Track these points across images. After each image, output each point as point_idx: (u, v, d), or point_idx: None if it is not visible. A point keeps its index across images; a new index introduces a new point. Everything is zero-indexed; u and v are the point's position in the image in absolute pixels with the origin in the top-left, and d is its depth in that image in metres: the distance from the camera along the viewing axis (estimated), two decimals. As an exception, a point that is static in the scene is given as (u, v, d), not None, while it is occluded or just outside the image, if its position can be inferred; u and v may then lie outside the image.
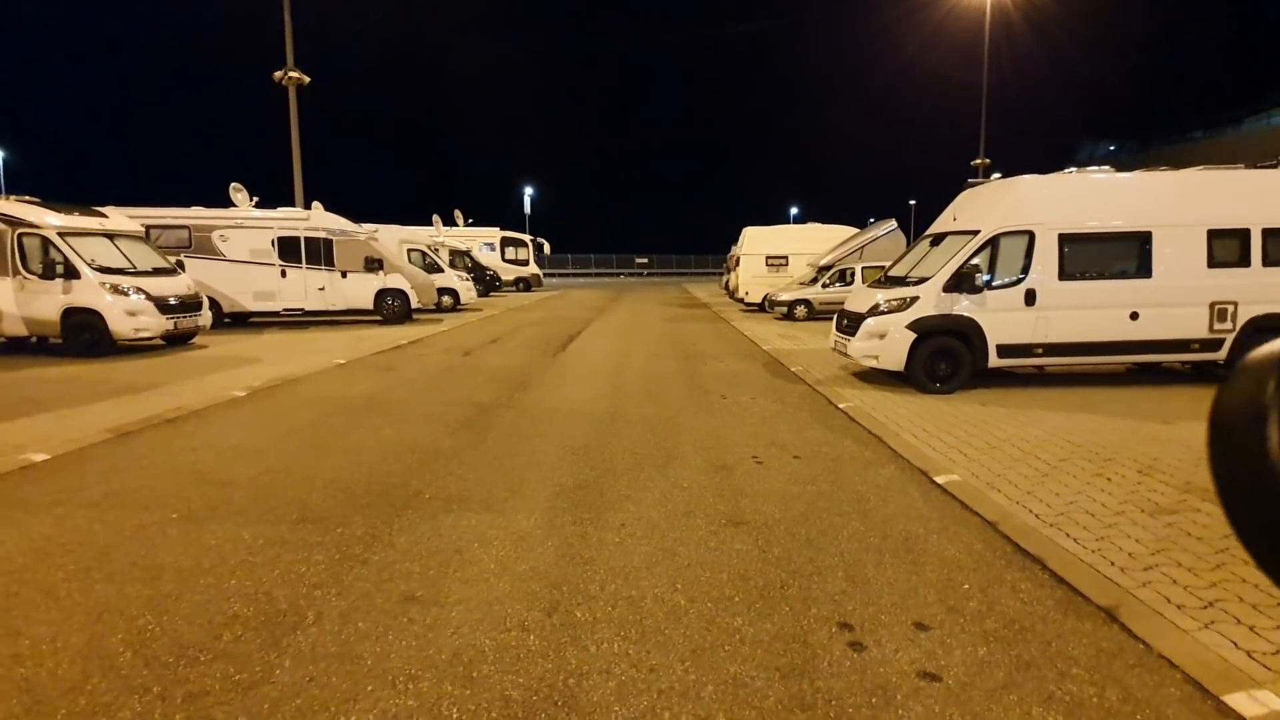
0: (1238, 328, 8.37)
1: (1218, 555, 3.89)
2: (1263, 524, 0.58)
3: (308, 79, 23.21)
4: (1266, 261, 8.30)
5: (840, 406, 7.90)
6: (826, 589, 3.56)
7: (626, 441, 6.42)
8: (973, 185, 9.61)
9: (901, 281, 9.13)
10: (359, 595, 3.46)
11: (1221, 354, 8.50)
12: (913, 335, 8.41)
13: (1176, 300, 8.31)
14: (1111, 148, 68.18)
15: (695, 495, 4.96)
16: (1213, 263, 8.33)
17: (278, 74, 22.81)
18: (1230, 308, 8.32)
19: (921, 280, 8.66)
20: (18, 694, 2.66)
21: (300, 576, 3.66)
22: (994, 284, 8.34)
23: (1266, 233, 8.29)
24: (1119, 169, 9.06)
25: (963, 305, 8.35)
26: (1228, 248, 8.34)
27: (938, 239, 9.31)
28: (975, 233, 8.46)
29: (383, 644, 3.02)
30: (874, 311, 8.80)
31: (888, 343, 8.57)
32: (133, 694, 2.66)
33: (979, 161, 32.07)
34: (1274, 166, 9.50)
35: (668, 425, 7.08)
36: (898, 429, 6.81)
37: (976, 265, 8.23)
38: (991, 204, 8.77)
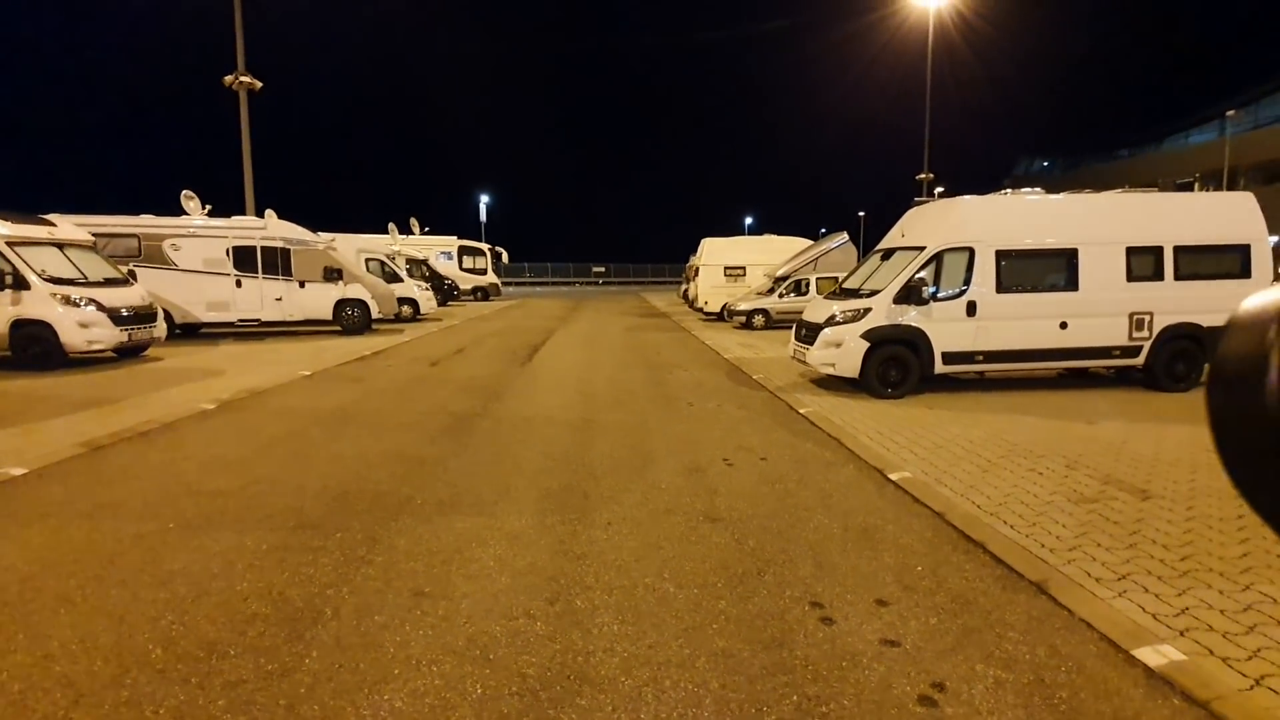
0: (1154, 336, 9.25)
1: (1131, 536, 4.47)
2: (1260, 469, 0.58)
3: (259, 84, 22.84)
4: (1178, 276, 9.21)
5: (801, 412, 8.41)
6: (798, 574, 3.97)
7: (604, 447, 6.75)
8: (919, 204, 10.33)
9: (855, 293, 9.74)
10: (370, 593, 3.70)
11: (1140, 360, 9.36)
12: (866, 344, 9.00)
13: (1100, 311, 9.13)
14: (1045, 164, 72.21)
15: (673, 495, 5.34)
16: (1131, 277, 9.20)
17: (228, 78, 22.39)
18: (1147, 318, 9.20)
19: (874, 293, 9.28)
20: (60, 689, 2.83)
21: (310, 578, 3.87)
22: (939, 296, 9.01)
23: (1177, 250, 9.20)
24: (1051, 185, 9.89)
25: (911, 316, 8.99)
26: (1144, 264, 9.22)
27: (888, 254, 9.97)
28: (922, 249, 9.12)
29: (401, 634, 3.28)
30: (830, 322, 9.37)
31: (843, 351, 9.14)
32: (173, 684, 2.86)
33: (923, 176, 33.62)
34: (1191, 185, 10.53)
35: (641, 431, 7.44)
36: (854, 431, 7.33)
37: (923, 279, 8.88)
38: (936, 222, 9.47)
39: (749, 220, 75.20)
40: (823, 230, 33.48)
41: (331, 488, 5.43)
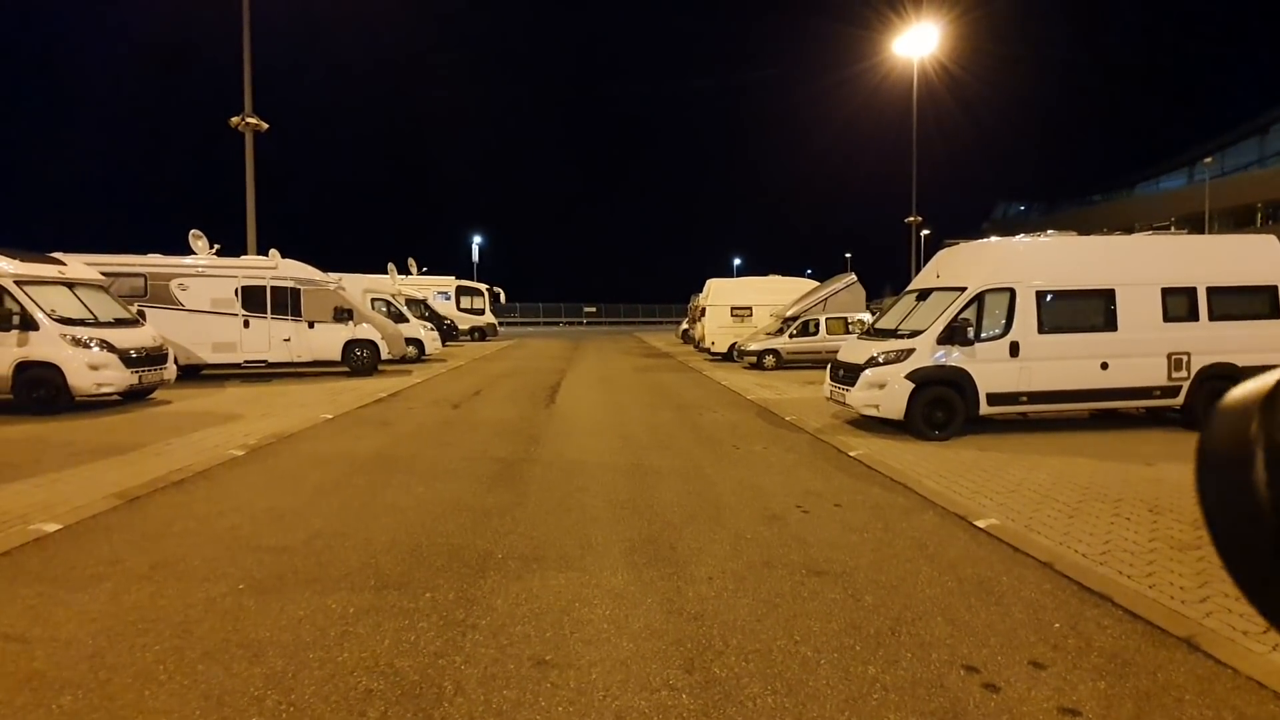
0: (1192, 375, 9.27)
1: (1255, 586, 4.30)
2: (1251, 560, 0.59)
3: (265, 125, 22.84)
4: (1212, 316, 9.29)
5: (852, 454, 8.23)
6: (935, 633, 3.74)
7: (668, 494, 6.50)
8: (950, 245, 10.40)
9: (893, 334, 9.69)
10: (488, 662, 3.40)
11: (1179, 400, 9.36)
12: (911, 385, 8.90)
13: (1139, 351, 9.15)
14: (1022, 208, 74.49)
15: (763, 546, 5.09)
16: (1168, 317, 9.26)
17: (234, 119, 22.39)
18: (1185, 358, 9.23)
19: (915, 333, 9.23)
20: (182, 786, 2.50)
21: (414, 646, 3.56)
22: (982, 337, 8.97)
23: (1210, 291, 9.30)
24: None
25: (955, 356, 8.93)
26: (1179, 304, 9.30)
27: (924, 294, 9.97)
28: (962, 289, 9.12)
29: (540, 711, 2.99)
30: (872, 363, 9.28)
31: (887, 393, 9.03)
32: (308, 778, 2.54)
33: (911, 219, 34.40)
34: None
35: (698, 476, 7.20)
36: (918, 475, 7.15)
37: (967, 319, 8.86)
38: (974, 263, 9.51)
39: (737, 261, 76.23)
40: (808, 271, 33.98)
41: (402, 541, 5.11)
